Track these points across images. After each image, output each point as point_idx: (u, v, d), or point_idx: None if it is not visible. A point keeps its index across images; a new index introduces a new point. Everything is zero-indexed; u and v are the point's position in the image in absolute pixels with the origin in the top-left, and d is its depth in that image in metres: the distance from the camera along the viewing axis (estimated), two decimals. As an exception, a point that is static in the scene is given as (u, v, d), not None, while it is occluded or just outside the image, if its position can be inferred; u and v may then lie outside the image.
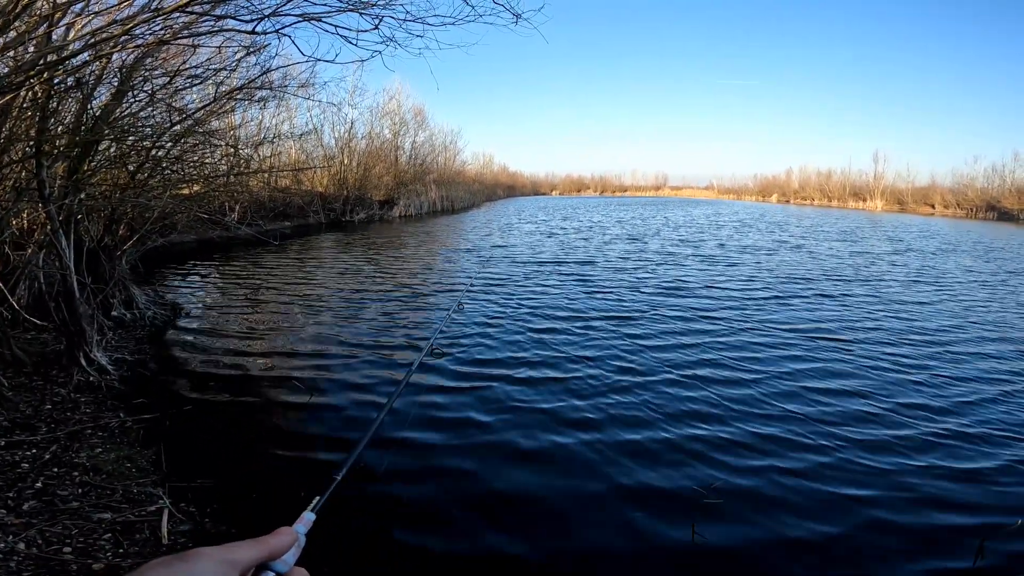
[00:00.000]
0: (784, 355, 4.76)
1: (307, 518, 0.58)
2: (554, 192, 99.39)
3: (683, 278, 8.66)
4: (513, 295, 7.05)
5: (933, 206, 45.81)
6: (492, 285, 7.76)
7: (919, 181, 52.76)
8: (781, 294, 7.55)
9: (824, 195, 61.07)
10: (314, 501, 0.63)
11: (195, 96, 5.71)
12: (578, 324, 5.62)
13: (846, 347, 5.08)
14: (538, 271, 9.11)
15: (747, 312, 6.38)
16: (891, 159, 73.67)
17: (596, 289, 7.60)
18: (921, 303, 7.36)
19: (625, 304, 6.65)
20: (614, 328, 5.52)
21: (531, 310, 6.24)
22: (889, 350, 5.03)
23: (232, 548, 0.42)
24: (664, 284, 8.08)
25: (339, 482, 0.72)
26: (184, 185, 5.77)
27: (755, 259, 11.43)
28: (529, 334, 5.22)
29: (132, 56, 3.64)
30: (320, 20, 3.15)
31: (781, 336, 5.36)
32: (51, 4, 2.57)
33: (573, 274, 8.86)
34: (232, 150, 6.64)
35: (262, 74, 4.56)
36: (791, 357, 4.71)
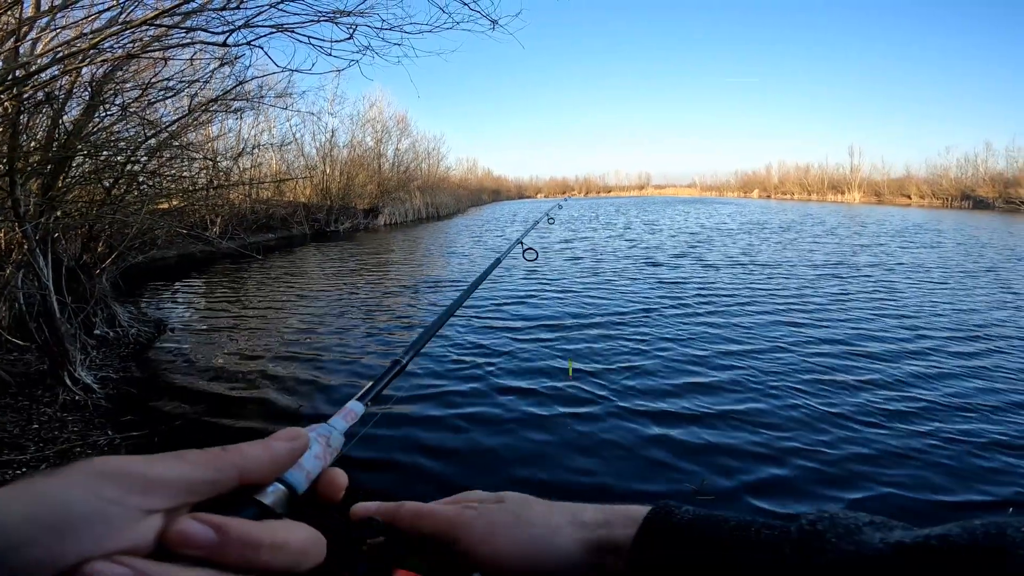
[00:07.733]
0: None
1: (354, 410, 0.40)
2: (539, 195, 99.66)
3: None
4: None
5: (910, 197, 46.77)
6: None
7: (894, 172, 54.06)
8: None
9: (803, 189, 62.09)
10: (364, 387, 0.44)
11: (169, 108, 5.67)
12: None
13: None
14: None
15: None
16: (866, 152, 75.37)
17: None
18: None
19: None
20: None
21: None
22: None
23: (150, 461, 0.25)
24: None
25: (400, 370, 0.50)
26: (162, 199, 5.72)
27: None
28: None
29: (102, 70, 3.62)
30: (293, 31, 3.17)
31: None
32: (16, 19, 2.55)
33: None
34: (210, 163, 6.60)
35: (237, 85, 4.55)
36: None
